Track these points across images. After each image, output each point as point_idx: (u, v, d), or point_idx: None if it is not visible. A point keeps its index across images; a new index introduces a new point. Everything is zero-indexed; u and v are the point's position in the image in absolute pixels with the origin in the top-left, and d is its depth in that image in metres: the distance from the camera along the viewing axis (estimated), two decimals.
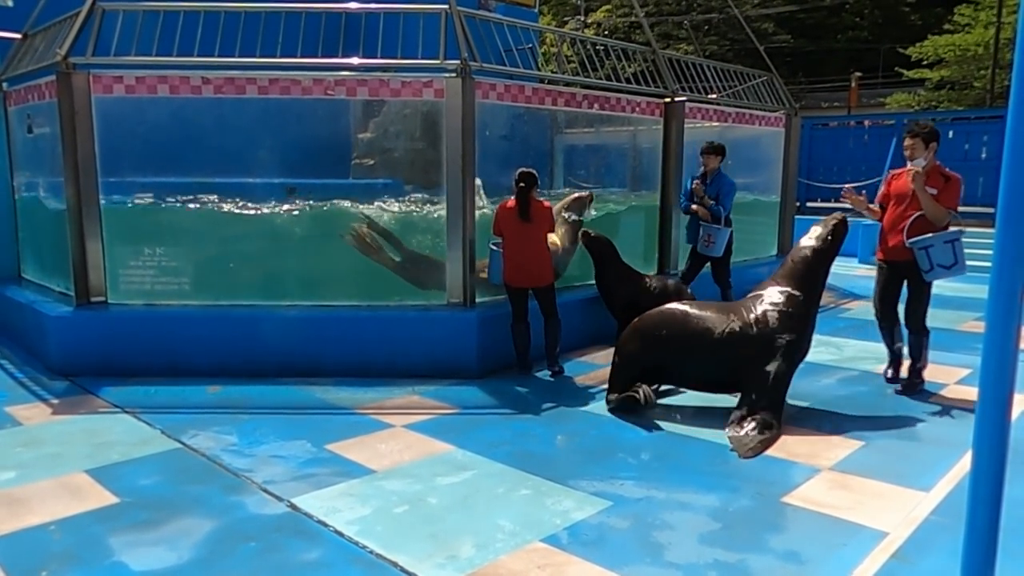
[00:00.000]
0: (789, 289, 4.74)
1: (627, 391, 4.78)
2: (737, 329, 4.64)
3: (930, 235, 4.93)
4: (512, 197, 5.64)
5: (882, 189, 5.42)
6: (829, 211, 14.64)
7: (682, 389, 5.15)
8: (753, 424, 4.41)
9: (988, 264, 1.85)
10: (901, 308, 5.33)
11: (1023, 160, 1.74)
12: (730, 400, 4.79)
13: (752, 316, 4.68)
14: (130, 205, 6.30)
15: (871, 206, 5.41)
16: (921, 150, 4.99)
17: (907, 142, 5.07)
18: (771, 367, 4.54)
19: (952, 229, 5.05)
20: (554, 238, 5.71)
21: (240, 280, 6.10)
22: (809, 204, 15.78)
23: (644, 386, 4.78)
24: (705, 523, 3.38)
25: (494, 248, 5.86)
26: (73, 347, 5.72)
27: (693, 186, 7.20)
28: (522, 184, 5.54)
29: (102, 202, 5.86)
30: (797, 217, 11.01)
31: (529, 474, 3.92)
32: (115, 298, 5.96)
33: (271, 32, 5.99)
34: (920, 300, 5.19)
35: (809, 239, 4.93)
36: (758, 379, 4.55)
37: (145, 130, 6.14)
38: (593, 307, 6.81)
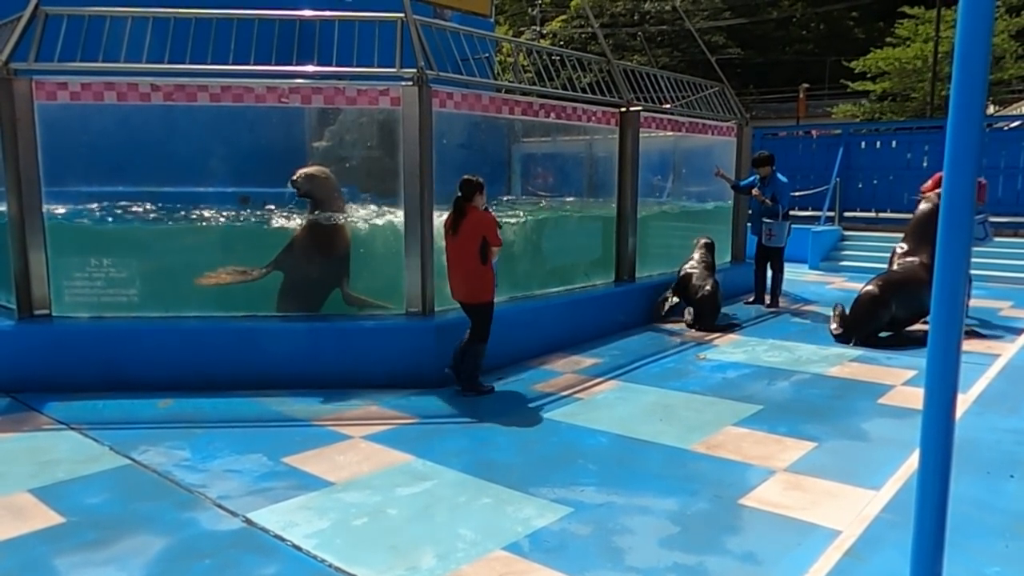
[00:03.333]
0: (921, 245, 7.19)
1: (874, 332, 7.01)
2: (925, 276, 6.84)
3: None
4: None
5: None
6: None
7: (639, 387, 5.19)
8: None
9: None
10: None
11: (962, 170, 1.82)
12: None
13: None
14: (75, 215, 6.11)
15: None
16: None
17: None
18: None
19: (978, 216, 7.03)
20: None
21: (191, 291, 5.96)
22: None
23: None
24: (664, 527, 3.42)
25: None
26: (15, 362, 5.51)
27: (754, 192, 8.74)
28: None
29: (45, 212, 5.68)
30: (749, 224, 11.23)
31: (490, 483, 3.92)
32: (59, 311, 5.78)
33: (223, 39, 5.89)
34: None
35: (926, 202, 7.43)
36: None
37: (91, 138, 5.96)
38: (551, 315, 6.84)
